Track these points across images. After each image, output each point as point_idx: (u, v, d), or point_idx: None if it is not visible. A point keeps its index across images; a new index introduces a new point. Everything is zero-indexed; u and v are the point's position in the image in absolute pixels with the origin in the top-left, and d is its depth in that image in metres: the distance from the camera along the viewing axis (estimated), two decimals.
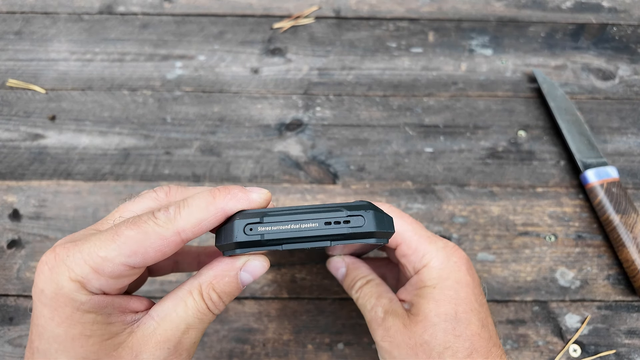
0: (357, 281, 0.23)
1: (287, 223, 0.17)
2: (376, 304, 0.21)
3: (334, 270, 0.24)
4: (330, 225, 0.17)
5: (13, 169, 0.35)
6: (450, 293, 0.20)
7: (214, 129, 0.38)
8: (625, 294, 0.31)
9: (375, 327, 0.21)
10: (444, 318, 0.19)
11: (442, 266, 0.20)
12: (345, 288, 0.24)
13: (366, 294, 0.22)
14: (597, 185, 0.33)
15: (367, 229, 0.17)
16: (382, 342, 0.20)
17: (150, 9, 0.45)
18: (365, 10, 0.45)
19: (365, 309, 0.22)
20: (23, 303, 0.30)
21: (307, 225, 0.17)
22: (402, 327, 0.20)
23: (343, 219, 0.17)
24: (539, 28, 0.44)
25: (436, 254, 0.20)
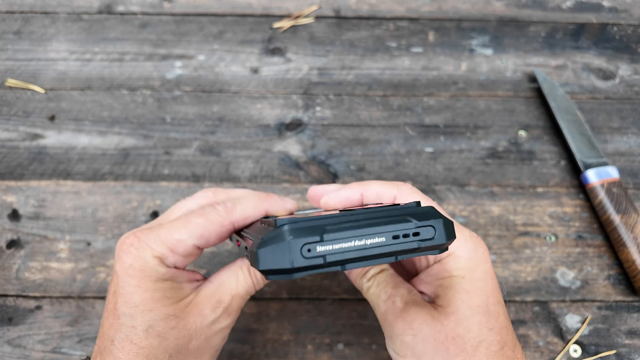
0: (370, 269, 0.21)
1: (351, 240, 0.15)
2: (393, 294, 0.19)
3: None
4: (399, 239, 0.15)
5: (12, 169, 0.35)
6: (481, 284, 0.19)
7: (213, 128, 0.38)
8: (626, 294, 0.31)
9: (393, 319, 0.18)
10: (477, 310, 0.18)
11: (469, 256, 0.19)
12: (352, 278, 0.21)
13: (380, 282, 0.20)
14: (597, 185, 0.33)
15: (438, 241, 0.15)
16: (404, 335, 0.18)
17: (149, 9, 0.45)
18: (365, 10, 0.45)
19: (379, 299, 0.19)
20: (22, 303, 0.30)
21: (374, 240, 0.15)
22: (429, 319, 0.18)
23: (412, 231, 0.15)
24: (539, 28, 0.44)
25: (464, 244, 0.20)
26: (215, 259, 0.32)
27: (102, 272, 0.31)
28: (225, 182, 0.35)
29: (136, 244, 0.20)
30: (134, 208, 0.33)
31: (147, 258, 0.19)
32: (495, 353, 0.18)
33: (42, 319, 0.29)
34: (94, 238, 0.32)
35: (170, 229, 0.20)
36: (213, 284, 0.21)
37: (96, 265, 0.31)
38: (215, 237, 0.20)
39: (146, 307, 0.19)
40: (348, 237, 0.15)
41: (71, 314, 0.29)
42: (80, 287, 0.30)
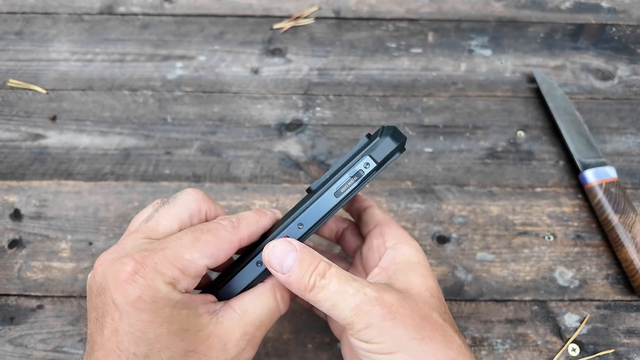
0: (320, 263, 0.18)
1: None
2: (360, 285, 0.18)
3: (279, 260, 0.19)
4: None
5: (14, 169, 0.35)
6: (431, 273, 0.21)
7: (214, 129, 0.38)
8: (624, 293, 0.31)
9: (370, 308, 0.17)
10: (431, 293, 0.20)
11: (417, 247, 0.22)
12: (296, 281, 0.18)
13: (340, 277, 0.18)
14: (596, 185, 0.33)
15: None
16: (385, 321, 0.17)
17: (150, 10, 0.45)
18: (365, 11, 0.45)
19: (345, 294, 0.18)
20: (24, 303, 0.30)
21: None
22: (402, 301, 0.18)
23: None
24: (538, 28, 0.45)
25: (411, 240, 0.22)
26: None
27: None
28: (226, 182, 0.35)
29: (141, 270, 0.17)
30: (135, 208, 0.34)
31: (158, 286, 0.17)
32: (458, 332, 0.19)
33: (44, 319, 0.29)
34: (96, 238, 0.32)
35: (179, 249, 0.18)
36: (236, 312, 0.18)
37: None
38: (224, 256, 0.19)
39: (163, 345, 0.16)
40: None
41: (73, 313, 0.29)
42: (82, 286, 0.30)
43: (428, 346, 0.18)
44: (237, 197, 0.34)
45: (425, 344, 0.18)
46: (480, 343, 0.29)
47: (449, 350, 0.18)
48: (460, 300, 0.30)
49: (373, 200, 0.34)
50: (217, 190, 0.35)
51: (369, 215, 0.24)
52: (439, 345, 0.18)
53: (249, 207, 0.34)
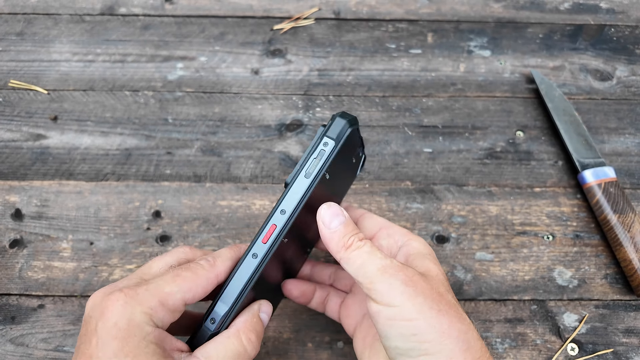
0: (359, 233, 0.21)
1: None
2: (387, 256, 0.21)
3: (331, 218, 0.21)
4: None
5: (15, 169, 0.36)
6: (438, 265, 0.22)
7: (214, 129, 0.38)
8: (623, 293, 0.31)
9: (395, 272, 0.19)
10: (445, 278, 0.22)
11: (426, 244, 0.24)
12: (338, 237, 0.21)
13: (373, 246, 0.21)
14: (594, 185, 0.33)
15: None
16: (406, 286, 0.19)
17: (151, 10, 0.45)
18: (364, 12, 0.46)
19: (375, 257, 0.20)
20: (25, 302, 0.30)
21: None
22: (422, 277, 0.20)
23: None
24: (537, 29, 0.45)
25: (418, 237, 0.24)
26: None
27: (104, 271, 0.31)
28: (227, 182, 0.35)
29: (122, 299, 0.18)
30: (136, 208, 0.34)
31: (134, 314, 0.18)
32: (464, 313, 0.21)
33: (45, 318, 0.29)
34: (97, 237, 0.33)
35: (159, 282, 0.19)
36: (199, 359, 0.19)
37: (99, 265, 0.31)
38: (202, 292, 0.20)
39: None
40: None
41: (74, 312, 0.30)
42: (83, 286, 0.31)
43: (445, 318, 0.19)
44: (238, 197, 0.34)
45: (442, 315, 0.19)
46: None
47: (462, 324, 0.19)
48: (460, 299, 0.30)
49: (372, 200, 0.34)
50: (218, 190, 0.35)
51: (367, 220, 0.25)
52: (454, 320, 0.19)
53: (249, 207, 0.34)
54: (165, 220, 0.33)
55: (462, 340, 0.19)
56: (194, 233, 0.33)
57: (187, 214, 0.33)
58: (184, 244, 0.32)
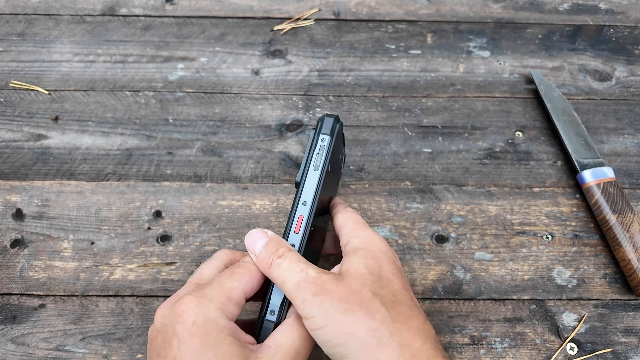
0: (281, 248, 0.22)
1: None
2: (306, 267, 0.21)
3: (253, 243, 0.23)
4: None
5: (16, 169, 0.36)
6: (376, 255, 0.23)
7: (215, 129, 0.38)
8: (622, 292, 0.31)
9: (307, 285, 0.20)
10: (369, 270, 0.22)
11: (368, 236, 0.24)
12: (261, 259, 0.22)
13: (293, 259, 0.22)
14: (593, 185, 0.34)
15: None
16: (314, 296, 0.20)
17: (152, 11, 0.45)
18: (364, 13, 0.46)
19: (292, 272, 0.21)
20: (26, 302, 0.30)
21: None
22: (336, 281, 0.21)
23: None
24: (536, 30, 0.45)
25: (363, 231, 0.25)
26: None
27: (105, 271, 0.31)
28: (227, 182, 0.35)
29: (194, 300, 0.20)
30: (137, 207, 0.34)
31: (209, 311, 0.20)
32: (392, 304, 0.21)
33: (46, 317, 0.30)
34: (98, 237, 0.33)
35: (221, 280, 0.21)
36: (271, 348, 0.20)
37: (99, 264, 0.32)
38: (257, 284, 0.23)
39: None
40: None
41: (74, 312, 0.30)
42: (84, 285, 0.31)
43: (350, 317, 0.20)
44: (238, 197, 0.35)
45: (347, 314, 0.20)
46: (478, 342, 0.29)
47: (372, 320, 0.19)
48: (459, 299, 0.31)
49: (372, 200, 0.34)
50: (218, 190, 0.35)
51: (335, 219, 0.27)
52: (361, 316, 0.20)
53: (249, 207, 0.34)
54: (166, 220, 0.33)
55: (371, 337, 0.19)
56: (195, 233, 0.33)
57: (188, 213, 0.34)
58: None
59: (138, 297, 0.30)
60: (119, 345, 0.28)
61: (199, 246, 0.32)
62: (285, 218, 0.33)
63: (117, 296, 0.30)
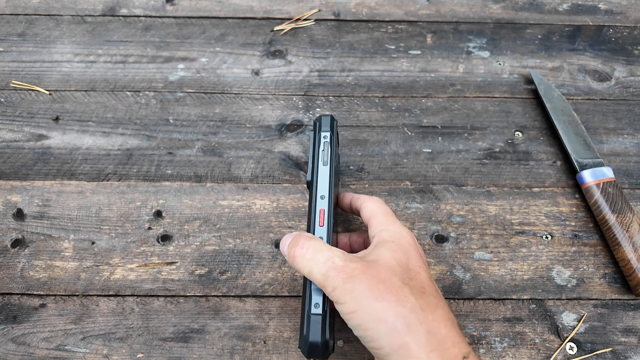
0: (300, 239, 0.23)
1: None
2: (331, 255, 0.22)
3: (282, 245, 0.25)
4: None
5: (17, 169, 0.36)
6: (404, 248, 0.24)
7: (215, 129, 0.38)
8: (621, 292, 0.31)
9: (335, 274, 0.21)
10: (398, 263, 0.23)
11: (396, 230, 0.25)
12: (287, 255, 0.24)
13: (315, 248, 0.22)
14: (593, 185, 0.34)
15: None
16: (345, 284, 0.21)
17: (152, 12, 0.46)
18: (364, 13, 0.46)
19: (318, 262, 0.22)
20: (26, 301, 0.30)
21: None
22: (365, 268, 0.22)
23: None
24: (535, 30, 0.45)
25: (393, 224, 0.25)
26: (217, 257, 0.32)
27: (106, 271, 0.31)
28: (227, 182, 0.35)
29: None
30: (137, 207, 0.34)
31: None
32: (421, 294, 0.22)
33: (47, 317, 0.30)
34: (98, 237, 0.33)
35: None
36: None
37: (100, 264, 0.32)
38: None
39: None
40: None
41: (75, 312, 0.30)
42: (84, 285, 0.31)
43: (380, 304, 0.20)
44: (238, 196, 0.35)
45: (378, 302, 0.20)
46: (478, 341, 0.29)
47: (402, 308, 0.20)
48: (459, 299, 0.31)
49: None
50: (219, 190, 0.35)
51: (362, 212, 0.27)
52: (392, 304, 0.20)
53: (250, 207, 0.34)
54: (166, 219, 0.33)
55: (401, 323, 0.20)
56: (195, 232, 0.33)
57: (188, 213, 0.34)
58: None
59: (138, 296, 0.30)
60: (120, 344, 0.28)
61: (199, 246, 0.32)
62: (285, 218, 0.34)
63: (117, 296, 0.30)
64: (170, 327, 0.29)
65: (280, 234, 0.33)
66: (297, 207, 0.34)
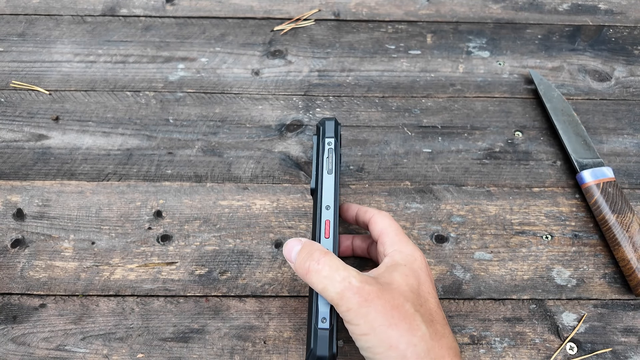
0: (315, 252, 0.23)
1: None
2: (347, 274, 0.22)
3: (289, 252, 0.24)
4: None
5: (17, 169, 0.36)
6: (416, 273, 0.24)
7: (215, 129, 0.38)
8: (621, 292, 0.31)
9: (351, 295, 0.21)
10: (410, 288, 0.23)
11: (409, 253, 0.25)
12: (298, 266, 0.23)
13: (331, 265, 0.22)
14: (593, 185, 0.34)
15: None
16: (360, 307, 0.21)
17: (152, 12, 0.46)
18: (364, 13, 0.46)
19: (334, 280, 0.22)
20: (26, 301, 0.30)
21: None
22: (379, 292, 0.22)
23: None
24: (535, 30, 0.45)
25: (406, 246, 0.26)
26: (217, 257, 0.32)
27: (106, 271, 0.31)
28: (227, 182, 0.35)
29: None
30: (137, 207, 0.34)
31: None
32: (430, 322, 0.22)
33: (47, 317, 0.30)
34: (98, 237, 0.33)
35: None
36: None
37: (100, 264, 0.32)
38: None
39: None
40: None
41: (75, 312, 0.30)
42: (84, 285, 0.31)
43: (393, 331, 0.21)
44: (238, 197, 0.35)
45: (391, 329, 0.21)
46: (478, 341, 0.29)
47: (412, 336, 0.21)
48: (459, 299, 0.31)
49: (372, 200, 0.35)
50: (219, 190, 0.35)
51: (372, 225, 0.27)
52: (403, 332, 0.21)
53: (250, 207, 0.34)
54: (166, 219, 0.33)
55: (411, 351, 0.21)
56: (195, 232, 0.33)
57: (188, 213, 0.34)
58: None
59: (138, 296, 0.30)
60: (120, 345, 0.28)
61: (199, 246, 0.32)
62: (285, 218, 0.34)
63: (117, 296, 0.30)
64: (170, 327, 0.29)
65: (280, 234, 0.33)
66: (297, 207, 0.34)
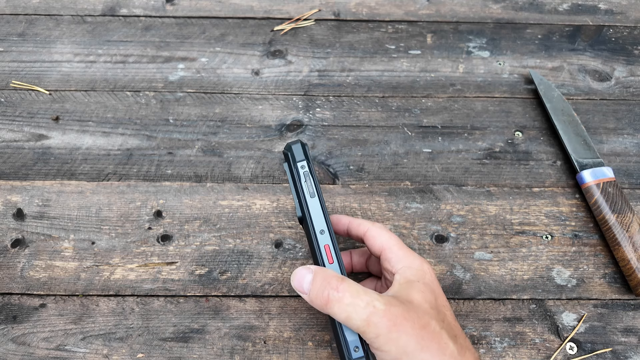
0: (332, 279, 0.22)
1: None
2: (370, 299, 0.21)
3: (300, 282, 0.23)
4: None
5: (17, 169, 0.36)
6: (430, 287, 0.24)
7: (215, 129, 0.38)
8: (621, 292, 0.31)
9: (378, 320, 0.21)
10: (430, 305, 0.23)
11: (419, 268, 0.25)
12: (314, 297, 0.22)
13: (351, 291, 0.21)
14: (593, 185, 0.34)
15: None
16: (390, 333, 0.20)
17: (152, 12, 0.46)
18: (364, 13, 0.46)
19: (357, 307, 0.21)
20: (27, 301, 0.30)
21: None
22: (406, 313, 0.21)
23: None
24: (535, 30, 0.45)
25: (413, 260, 0.25)
26: (217, 257, 0.32)
27: (106, 271, 0.31)
28: (227, 182, 0.35)
29: None
30: (137, 207, 0.34)
31: None
32: (454, 338, 0.22)
33: (47, 317, 0.30)
34: (98, 237, 0.33)
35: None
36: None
37: (100, 264, 0.32)
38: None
39: None
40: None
41: (75, 311, 0.30)
42: (84, 285, 0.31)
43: (426, 354, 0.21)
44: (238, 196, 0.35)
45: (423, 352, 0.21)
46: (478, 341, 0.29)
47: (443, 355, 0.21)
48: (459, 299, 0.31)
49: (372, 200, 0.35)
50: (219, 190, 0.35)
51: (370, 240, 0.26)
52: (434, 353, 0.21)
53: (250, 207, 0.34)
54: (166, 219, 0.33)
55: None
56: (195, 232, 0.33)
57: (188, 213, 0.34)
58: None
59: (138, 296, 0.30)
60: (120, 344, 0.28)
61: (199, 246, 0.32)
62: (285, 218, 0.34)
63: (117, 296, 0.30)
64: (170, 327, 0.29)
65: (280, 234, 0.33)
66: None
